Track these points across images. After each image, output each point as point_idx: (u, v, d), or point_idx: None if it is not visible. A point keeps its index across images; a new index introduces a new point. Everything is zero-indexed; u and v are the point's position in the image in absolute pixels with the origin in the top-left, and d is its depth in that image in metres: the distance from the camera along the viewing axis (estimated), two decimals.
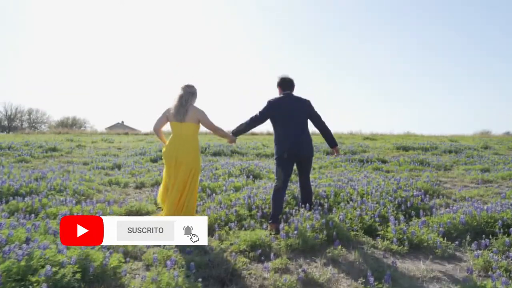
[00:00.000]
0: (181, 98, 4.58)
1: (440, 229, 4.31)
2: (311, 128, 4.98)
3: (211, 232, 4.51)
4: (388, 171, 10.05)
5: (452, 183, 8.48)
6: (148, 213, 5.49)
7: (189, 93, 4.62)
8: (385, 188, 5.88)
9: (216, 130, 4.80)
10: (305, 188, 4.98)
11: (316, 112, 4.93)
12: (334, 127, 25.04)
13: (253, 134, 20.99)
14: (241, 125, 5.00)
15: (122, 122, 50.52)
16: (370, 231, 4.51)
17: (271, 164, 11.11)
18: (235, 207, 5.10)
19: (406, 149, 15.40)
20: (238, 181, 7.12)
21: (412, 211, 5.03)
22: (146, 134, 22.26)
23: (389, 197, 5.40)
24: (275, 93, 5.04)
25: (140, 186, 7.58)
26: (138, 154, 12.47)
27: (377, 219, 4.57)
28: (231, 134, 5.03)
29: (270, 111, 4.83)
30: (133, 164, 10.04)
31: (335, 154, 5.30)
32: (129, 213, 5.43)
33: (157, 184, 7.52)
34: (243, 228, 4.58)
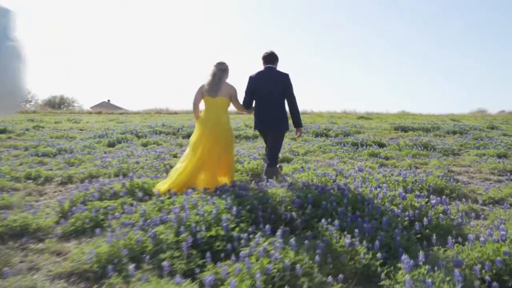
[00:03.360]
0: (214, 75, 4.80)
1: (487, 275, 2.46)
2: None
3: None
4: (387, 158, 8.17)
5: (468, 174, 6.61)
6: (36, 231, 3.60)
7: (221, 70, 4.83)
8: (388, 192, 3.96)
9: (240, 107, 5.03)
10: (269, 155, 4.98)
11: (290, 91, 4.90)
12: (327, 106, 23.04)
13: (238, 113, 19.04)
14: (244, 105, 5.03)
15: (108, 100, 48.11)
16: (368, 276, 2.65)
17: (247, 150, 9.21)
18: (155, 227, 3.19)
19: (405, 129, 13.49)
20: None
21: (432, 233, 3.14)
22: (137, 113, 20.24)
23: (396, 210, 3.49)
24: None
25: (65, 182, 5.66)
26: (97, 137, 10.52)
27: (378, 253, 2.68)
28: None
29: (252, 85, 4.97)
30: (78, 151, 8.08)
31: (298, 134, 5.21)
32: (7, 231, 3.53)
33: (89, 177, 5.60)
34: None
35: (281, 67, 5.13)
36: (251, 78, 4.98)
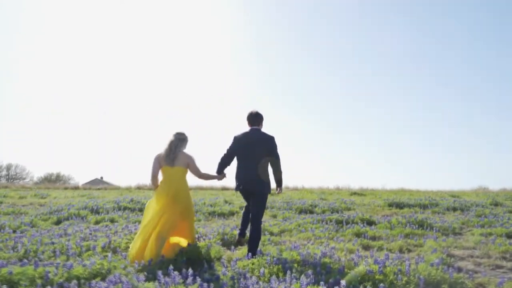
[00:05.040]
0: (171, 143, 4.78)
1: None
2: None
3: None
4: (374, 238, 6.78)
5: (473, 260, 5.18)
6: None
7: (178, 139, 4.83)
8: None
9: (201, 176, 4.99)
10: (252, 228, 4.72)
11: (275, 152, 4.84)
12: (320, 182, 21.83)
13: (224, 188, 17.76)
14: (219, 165, 5.05)
15: (101, 177, 47.06)
16: None
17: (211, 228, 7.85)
18: None
19: (400, 206, 12.10)
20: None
21: None
22: (117, 188, 18.99)
23: None
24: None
25: None
26: (50, 213, 9.19)
27: None
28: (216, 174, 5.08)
29: (235, 145, 4.93)
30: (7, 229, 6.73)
31: (278, 190, 5.12)
32: None
33: None
34: None
35: (273, 134, 4.95)
36: (235, 138, 4.95)
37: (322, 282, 2.77)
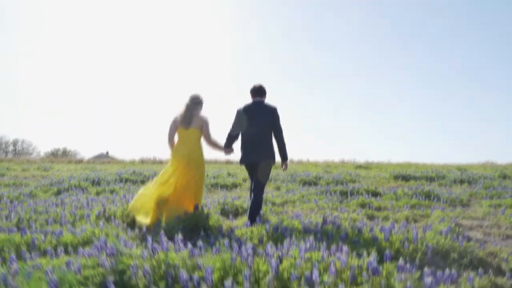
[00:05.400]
0: (187, 106, 4.81)
1: None
2: None
3: None
4: (379, 208, 6.58)
5: (482, 230, 4.97)
6: None
7: (194, 102, 4.84)
8: (350, 261, 2.36)
9: (210, 142, 4.92)
10: (253, 198, 4.65)
11: (277, 124, 4.73)
12: (325, 156, 21.58)
13: (228, 162, 17.61)
14: (227, 140, 4.95)
15: (107, 152, 47.07)
16: None
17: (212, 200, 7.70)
18: None
19: (406, 178, 11.88)
20: None
21: None
22: (120, 162, 18.92)
23: None
24: None
25: None
26: (50, 184, 9.08)
27: None
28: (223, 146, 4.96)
29: (239, 119, 4.83)
30: (5, 199, 6.61)
31: (283, 167, 4.97)
32: None
33: None
34: None
35: (278, 107, 4.81)
36: (238, 111, 4.83)
37: (322, 248, 2.55)
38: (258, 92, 4.86)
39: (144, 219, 4.45)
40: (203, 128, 4.83)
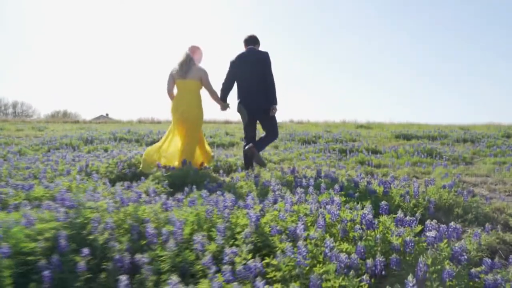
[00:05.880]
0: (185, 56, 4.69)
1: None
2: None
3: None
4: (379, 166, 6.30)
5: (487, 186, 4.69)
6: None
7: (192, 52, 4.75)
8: (341, 214, 2.07)
9: (212, 92, 4.82)
10: (266, 134, 4.79)
11: (268, 69, 4.67)
12: (326, 117, 21.18)
13: (227, 122, 17.24)
14: (221, 92, 4.90)
15: (107, 114, 46.68)
16: None
17: None
18: None
19: (407, 137, 11.56)
20: None
21: None
22: (117, 121, 18.60)
23: (342, 256, 1.59)
24: None
25: None
26: (42, 143, 8.81)
27: None
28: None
29: (233, 67, 4.78)
30: None
31: (271, 111, 4.69)
32: None
33: None
34: None
35: (279, 75, 4.56)
36: (232, 62, 4.80)
37: (312, 201, 2.26)
38: (251, 41, 4.87)
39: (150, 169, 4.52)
40: (203, 79, 4.70)
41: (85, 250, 1.72)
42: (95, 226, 1.94)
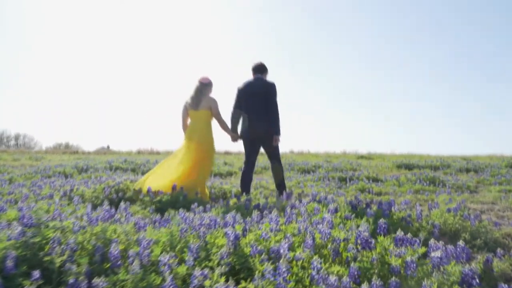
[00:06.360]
0: (196, 88, 4.87)
1: None
2: None
3: None
4: (380, 194, 6.04)
5: (494, 213, 4.42)
6: None
7: (203, 84, 4.86)
8: (334, 233, 1.83)
9: (221, 121, 4.92)
10: (274, 174, 4.95)
11: (273, 98, 4.74)
12: (327, 147, 20.99)
13: (227, 153, 17.05)
14: (231, 123, 4.94)
15: (108, 146, 46.64)
16: None
17: None
18: None
19: (409, 167, 11.31)
20: None
21: None
22: (116, 152, 18.42)
23: (330, 279, 1.35)
24: None
25: None
26: (33, 172, 8.60)
27: None
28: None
29: (239, 96, 4.87)
30: None
31: (274, 141, 4.72)
32: None
33: None
34: None
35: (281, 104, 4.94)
36: (239, 89, 4.89)
37: (301, 220, 2.02)
38: (258, 69, 4.91)
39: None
40: (212, 108, 4.82)
41: (36, 273, 1.48)
42: (54, 246, 1.70)
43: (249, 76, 4.99)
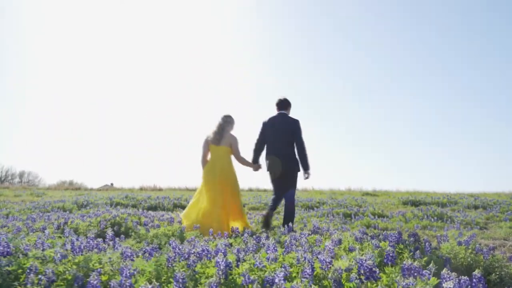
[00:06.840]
0: (219, 125, 5.09)
1: None
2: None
3: None
4: (386, 229, 5.80)
5: (507, 249, 4.20)
6: None
7: (225, 121, 5.10)
8: (337, 263, 1.68)
9: (239, 158, 5.10)
10: (286, 206, 5.04)
11: (299, 136, 4.90)
12: (331, 184, 20.70)
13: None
14: (253, 152, 5.15)
15: (112, 184, 46.51)
16: None
17: None
18: None
19: (416, 204, 11.03)
20: None
21: None
22: (119, 189, 18.24)
23: None
24: None
25: None
26: (35, 208, 8.46)
27: None
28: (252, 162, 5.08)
29: (264, 129, 5.06)
30: None
31: (305, 176, 4.97)
32: None
33: None
34: None
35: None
36: (264, 123, 5.08)
37: (301, 251, 1.87)
38: (283, 105, 5.08)
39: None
40: (232, 145, 5.03)
41: None
42: (29, 276, 1.56)
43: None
